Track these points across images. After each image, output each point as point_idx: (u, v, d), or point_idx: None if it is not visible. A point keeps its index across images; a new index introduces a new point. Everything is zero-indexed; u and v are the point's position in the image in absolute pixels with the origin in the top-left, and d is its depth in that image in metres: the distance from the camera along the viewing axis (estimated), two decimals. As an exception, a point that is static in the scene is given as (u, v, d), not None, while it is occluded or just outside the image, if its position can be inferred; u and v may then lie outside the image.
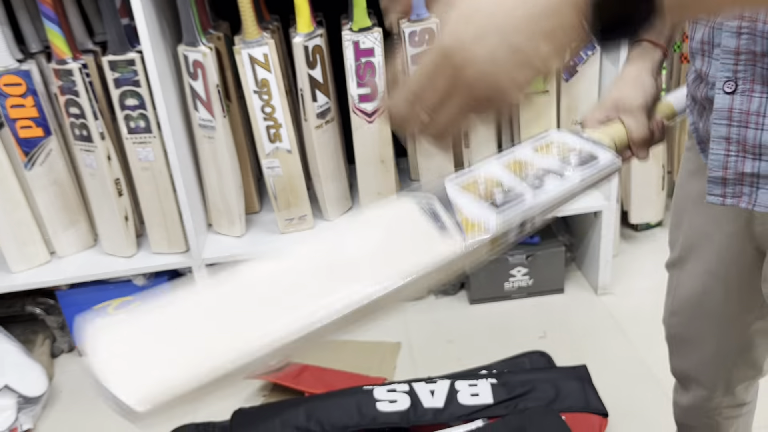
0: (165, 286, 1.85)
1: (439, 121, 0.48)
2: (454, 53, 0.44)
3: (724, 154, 0.70)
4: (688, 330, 0.96)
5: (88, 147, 1.70)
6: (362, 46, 1.65)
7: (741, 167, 0.69)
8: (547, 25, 0.43)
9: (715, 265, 0.86)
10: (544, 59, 0.44)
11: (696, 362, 0.98)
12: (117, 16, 1.61)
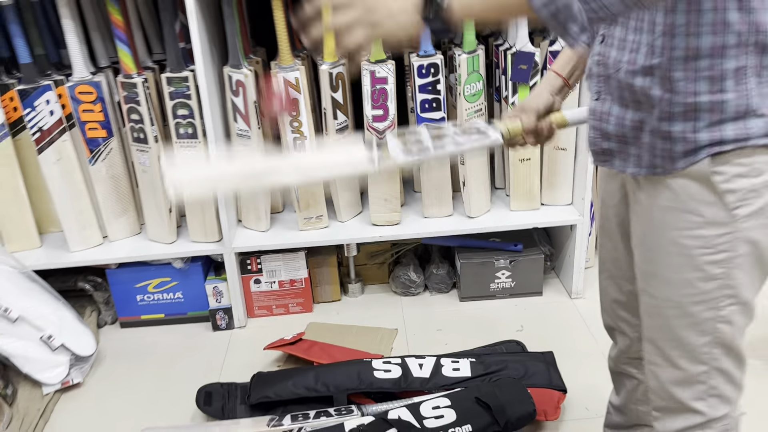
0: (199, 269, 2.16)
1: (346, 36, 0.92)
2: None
3: (592, 137, 1.05)
4: (604, 285, 1.26)
5: (143, 148, 2.03)
6: (377, 75, 1.98)
7: (600, 145, 1.04)
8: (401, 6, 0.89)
9: (611, 228, 1.17)
10: (402, 24, 0.89)
11: (613, 314, 1.26)
12: (176, 40, 1.94)
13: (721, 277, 0.96)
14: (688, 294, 0.99)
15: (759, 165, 0.91)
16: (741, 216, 0.93)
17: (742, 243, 0.94)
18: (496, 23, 0.99)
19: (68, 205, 2.07)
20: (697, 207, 0.95)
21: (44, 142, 1.99)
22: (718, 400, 1.03)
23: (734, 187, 0.92)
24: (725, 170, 0.92)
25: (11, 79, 2.02)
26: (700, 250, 0.96)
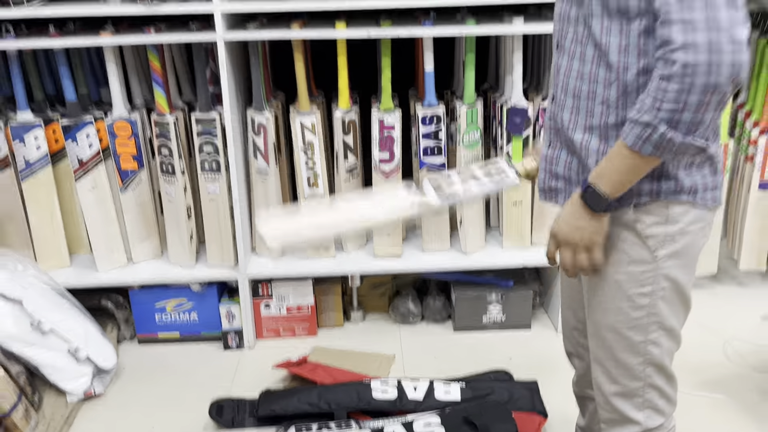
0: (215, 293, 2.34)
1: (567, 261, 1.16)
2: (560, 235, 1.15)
3: (542, 177, 1.26)
4: (564, 314, 1.43)
5: (171, 180, 2.23)
6: (386, 122, 2.19)
7: (549, 184, 1.25)
8: (584, 226, 1.11)
9: None
10: (593, 234, 1.11)
11: (572, 340, 1.43)
12: (207, 85, 2.17)
13: (647, 307, 1.16)
14: (622, 320, 1.19)
15: (674, 216, 1.12)
16: (661, 256, 1.14)
17: (663, 279, 1.15)
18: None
19: (99, 229, 2.27)
20: (626, 248, 1.15)
21: (82, 171, 2.20)
22: (654, 412, 1.22)
23: (654, 233, 1.13)
24: (646, 219, 1.13)
25: (55, 114, 2.24)
26: (629, 284, 1.16)
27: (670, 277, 1.15)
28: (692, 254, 1.16)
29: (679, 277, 1.16)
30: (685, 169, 1.11)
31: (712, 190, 1.14)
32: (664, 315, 1.17)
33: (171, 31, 2.09)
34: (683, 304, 1.19)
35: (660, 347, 1.19)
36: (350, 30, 2.04)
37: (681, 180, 1.11)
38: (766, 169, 2.44)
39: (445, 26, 2.07)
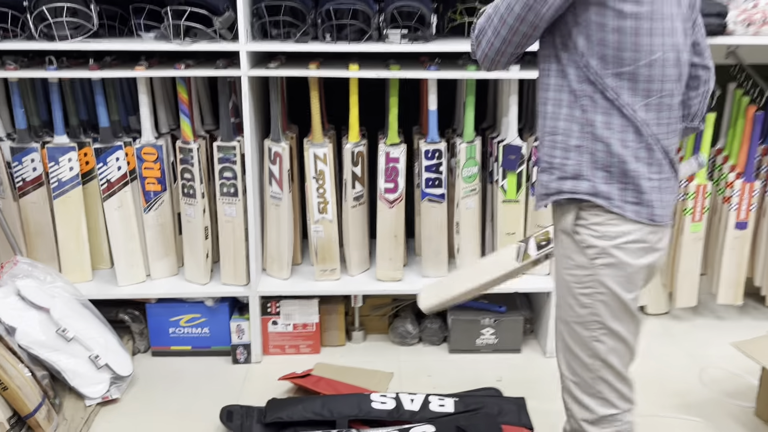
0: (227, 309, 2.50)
1: None
2: None
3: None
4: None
5: (191, 202, 2.42)
6: (391, 155, 2.38)
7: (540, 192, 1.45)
8: None
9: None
10: None
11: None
12: (229, 116, 2.36)
13: (589, 306, 1.37)
14: (571, 316, 1.41)
15: (610, 233, 1.33)
16: (598, 265, 1.35)
17: (600, 285, 1.35)
18: None
19: (122, 245, 2.44)
20: (571, 255, 1.38)
21: (110, 191, 2.38)
22: (604, 402, 1.42)
23: (591, 244, 1.35)
24: (583, 233, 1.36)
25: (87, 138, 2.43)
26: (575, 285, 1.38)
27: (607, 285, 1.35)
28: (629, 271, 1.35)
29: (616, 288, 1.35)
30: (600, 177, 1.33)
31: (634, 204, 1.33)
32: (605, 317, 1.37)
33: (200, 67, 2.29)
34: (626, 313, 1.38)
35: (604, 344, 1.38)
36: (362, 71, 2.25)
37: (596, 184, 1.32)
38: (741, 209, 2.63)
39: (448, 70, 2.28)
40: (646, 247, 1.35)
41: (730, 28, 2.26)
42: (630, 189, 1.32)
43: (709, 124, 2.54)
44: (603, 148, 1.31)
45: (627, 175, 1.32)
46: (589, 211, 1.34)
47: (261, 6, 2.25)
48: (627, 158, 1.30)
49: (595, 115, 1.31)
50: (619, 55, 1.27)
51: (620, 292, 1.35)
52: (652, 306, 2.86)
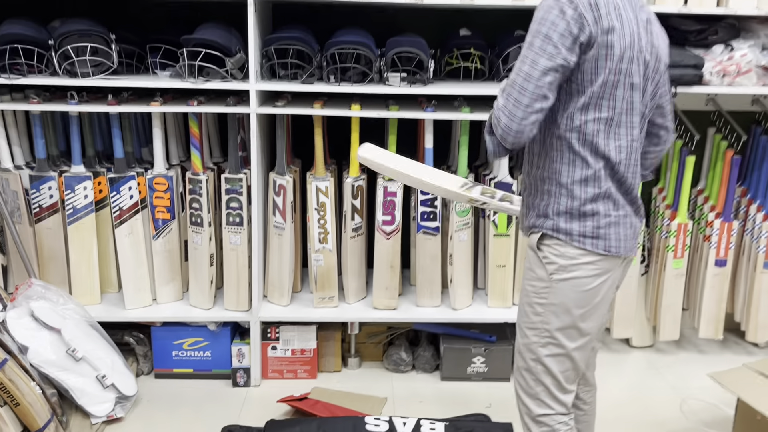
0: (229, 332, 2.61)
1: None
2: None
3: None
4: None
5: (198, 230, 2.54)
6: (389, 189, 2.53)
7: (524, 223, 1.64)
8: None
9: None
10: None
11: None
12: (237, 150, 2.51)
13: (542, 315, 1.56)
14: (525, 321, 1.60)
15: (569, 254, 1.52)
16: (555, 279, 1.53)
17: (555, 297, 1.54)
18: None
19: (131, 270, 2.56)
20: (534, 267, 1.58)
21: (121, 219, 2.51)
22: (540, 403, 1.61)
23: (551, 261, 1.53)
24: (546, 250, 1.55)
25: (102, 168, 2.57)
26: (533, 294, 1.57)
27: (561, 297, 1.53)
28: (585, 290, 1.53)
29: (570, 303, 1.53)
30: (565, 218, 1.52)
31: (592, 238, 1.52)
32: (554, 326, 1.55)
33: (211, 104, 2.45)
34: (574, 329, 1.56)
35: (548, 350, 1.57)
36: (363, 111, 2.40)
37: (558, 223, 1.52)
38: (720, 248, 2.77)
39: (444, 112, 2.44)
40: (600, 271, 1.54)
41: (707, 78, 2.43)
42: (588, 225, 1.52)
43: (689, 167, 2.70)
44: (565, 194, 1.51)
45: (586, 215, 1.52)
46: (553, 238, 1.55)
47: (270, 49, 2.41)
48: (586, 201, 1.51)
49: (561, 166, 1.51)
50: (599, 102, 1.47)
51: (572, 307, 1.54)
52: (636, 339, 2.97)
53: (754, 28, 2.54)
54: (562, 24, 1.39)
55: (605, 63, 1.43)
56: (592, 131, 1.48)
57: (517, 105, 1.42)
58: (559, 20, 1.39)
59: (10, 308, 2.29)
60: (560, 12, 1.39)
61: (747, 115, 2.92)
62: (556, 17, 1.39)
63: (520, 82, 1.42)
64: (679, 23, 2.51)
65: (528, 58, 1.41)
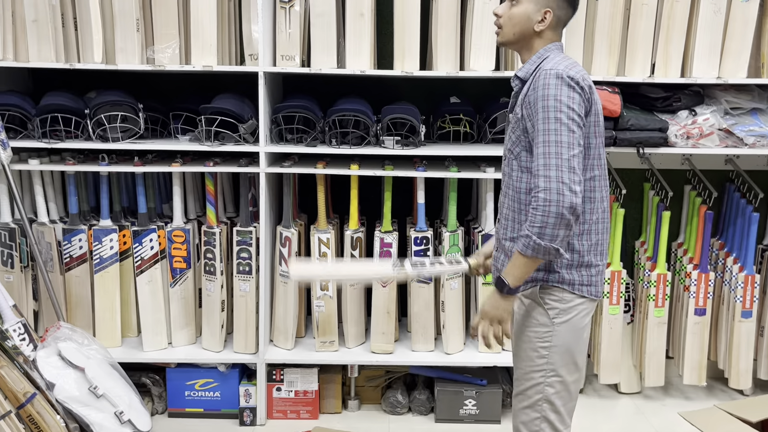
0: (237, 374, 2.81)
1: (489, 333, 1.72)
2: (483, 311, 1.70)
3: (492, 271, 1.83)
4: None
5: (211, 279, 2.79)
6: (385, 241, 2.76)
7: (495, 275, 1.79)
8: (497, 306, 1.67)
9: None
10: (503, 312, 1.65)
11: None
12: (248, 205, 2.78)
13: (546, 357, 1.71)
14: (529, 365, 1.74)
15: (566, 299, 1.71)
16: (557, 323, 1.71)
17: (557, 338, 1.70)
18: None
19: (150, 315, 2.80)
20: (534, 315, 1.73)
21: (143, 268, 2.77)
22: None
23: (553, 307, 1.71)
24: (547, 297, 1.71)
25: (126, 222, 2.85)
26: (536, 339, 1.72)
27: (563, 338, 1.70)
28: (579, 328, 1.72)
29: (570, 341, 1.71)
30: (567, 269, 1.69)
31: (588, 286, 1.72)
32: (557, 365, 1.71)
33: (225, 164, 2.74)
34: (574, 365, 1.74)
35: (554, 388, 1.72)
36: (362, 170, 2.67)
37: (563, 275, 1.70)
38: (699, 297, 2.95)
39: (434, 171, 2.70)
40: (588, 311, 1.75)
41: (672, 140, 2.67)
42: (585, 275, 1.72)
43: (665, 221, 2.90)
44: (568, 247, 1.68)
45: (584, 265, 1.72)
46: (554, 287, 1.72)
47: (279, 116, 2.71)
48: (584, 253, 1.71)
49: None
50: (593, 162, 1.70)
51: (571, 345, 1.72)
52: (624, 385, 3.11)
53: (716, 94, 2.79)
54: (577, 97, 1.59)
55: (595, 129, 1.67)
56: (590, 188, 1.69)
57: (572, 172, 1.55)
58: (574, 95, 1.59)
59: (40, 348, 2.53)
60: (569, 88, 1.59)
61: (721, 173, 3.14)
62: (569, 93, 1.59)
63: (566, 155, 1.56)
64: (647, 90, 2.77)
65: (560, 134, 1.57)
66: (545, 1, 1.71)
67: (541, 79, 1.62)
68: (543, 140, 1.58)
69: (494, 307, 1.68)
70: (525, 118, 1.67)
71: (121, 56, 2.65)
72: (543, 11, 1.71)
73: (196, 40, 2.63)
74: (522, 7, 1.71)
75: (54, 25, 2.63)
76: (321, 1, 2.63)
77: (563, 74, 1.60)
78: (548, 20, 1.71)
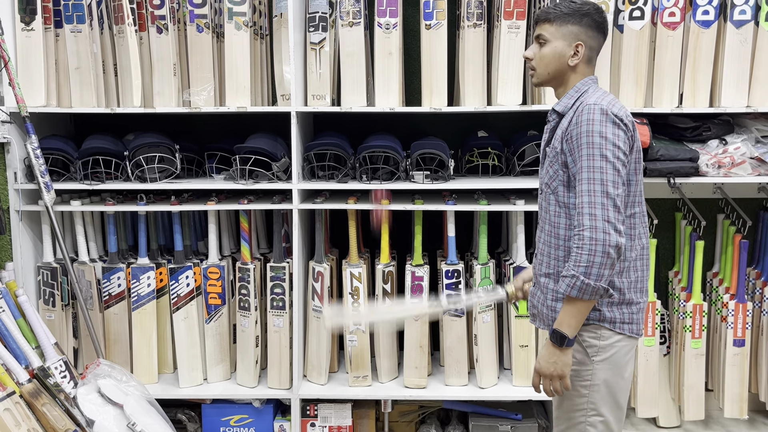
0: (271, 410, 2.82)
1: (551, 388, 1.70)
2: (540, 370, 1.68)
3: (529, 306, 1.82)
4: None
5: (246, 314, 2.83)
6: (416, 274, 2.78)
7: (532, 311, 1.79)
8: (556, 361, 1.64)
9: None
10: (563, 366, 1.62)
11: None
12: (281, 242, 2.83)
13: (586, 396, 1.68)
14: (569, 404, 1.71)
15: (605, 336, 1.69)
16: (596, 361, 1.68)
17: (597, 376, 1.67)
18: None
19: (186, 351, 2.84)
20: (574, 354, 1.69)
21: (179, 305, 2.82)
22: None
23: (590, 345, 1.68)
24: (585, 335, 1.69)
25: (163, 260, 2.92)
26: (575, 378, 1.69)
27: (602, 376, 1.68)
28: (620, 366, 1.69)
29: (610, 380, 1.68)
30: (608, 306, 1.68)
31: (629, 324, 1.70)
32: (599, 404, 1.69)
33: (259, 202, 2.80)
34: (615, 404, 1.71)
35: (596, 428, 1.70)
36: (392, 205, 2.71)
37: (604, 313, 1.68)
38: (737, 328, 2.89)
39: (464, 204, 2.72)
40: (629, 348, 1.72)
41: (703, 170, 2.66)
42: (626, 312, 1.71)
43: (699, 251, 2.87)
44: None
45: (625, 303, 1.70)
46: (592, 324, 1.71)
47: (311, 153, 2.77)
48: (625, 291, 1.70)
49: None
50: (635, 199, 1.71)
51: (614, 385, 1.70)
52: (663, 419, 3.05)
53: (746, 123, 2.78)
54: (622, 135, 1.60)
55: (636, 166, 1.68)
56: (630, 225, 1.69)
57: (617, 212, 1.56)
58: (619, 132, 1.60)
59: (80, 385, 2.58)
60: (614, 125, 1.60)
61: (755, 201, 3.11)
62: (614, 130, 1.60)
63: (612, 194, 1.56)
64: (676, 121, 2.78)
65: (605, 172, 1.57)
66: (575, 35, 1.70)
67: (584, 114, 1.61)
68: (588, 177, 1.57)
69: (552, 363, 1.64)
70: (565, 152, 1.66)
71: (158, 99, 2.75)
72: (575, 45, 1.71)
73: (230, 83, 2.72)
74: (551, 46, 1.72)
75: (96, 72, 2.74)
76: (350, 41, 2.71)
77: (608, 110, 1.60)
78: (581, 53, 1.71)
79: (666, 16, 2.69)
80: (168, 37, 2.72)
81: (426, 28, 2.71)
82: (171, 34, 2.72)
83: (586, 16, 1.70)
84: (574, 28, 1.70)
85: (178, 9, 2.77)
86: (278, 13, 2.83)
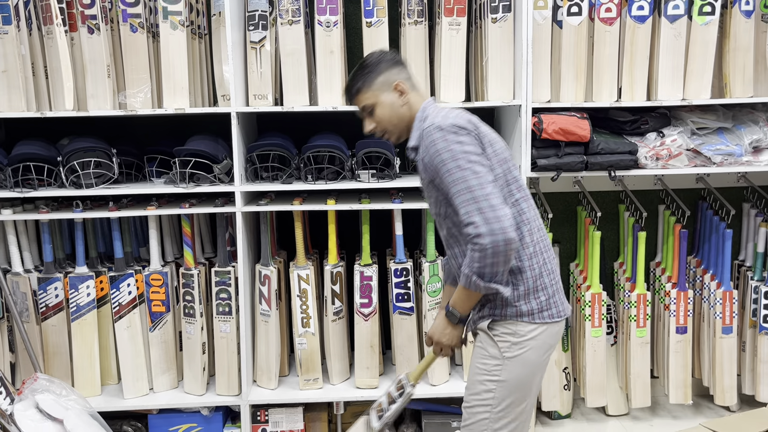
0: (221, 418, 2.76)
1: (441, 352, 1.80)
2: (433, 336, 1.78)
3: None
4: None
5: (191, 321, 2.76)
6: (365, 274, 2.76)
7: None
8: (449, 333, 1.74)
9: None
10: (453, 338, 1.71)
11: None
12: (225, 245, 2.76)
13: (493, 391, 1.70)
14: (475, 398, 1.74)
15: (520, 332, 1.71)
16: (507, 357, 1.70)
17: (507, 373, 1.70)
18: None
19: (130, 361, 2.75)
20: (486, 347, 1.74)
21: (121, 313, 2.73)
22: None
23: (503, 340, 1.71)
24: (498, 330, 1.72)
25: (103, 267, 2.82)
26: (484, 373, 1.72)
27: (512, 372, 1.70)
28: (532, 363, 1.72)
29: (519, 373, 1.70)
30: (523, 299, 1.71)
31: (547, 310, 1.72)
32: (505, 400, 1.71)
33: (201, 205, 2.73)
34: (520, 391, 1.72)
35: (500, 423, 1.72)
36: (338, 205, 2.68)
37: (520, 307, 1.71)
38: (679, 316, 2.97)
39: (410, 202, 2.71)
40: (551, 335, 1.73)
41: (642, 162, 2.71)
42: (541, 299, 1.72)
43: (641, 241, 2.93)
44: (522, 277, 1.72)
45: (538, 289, 1.72)
46: (506, 319, 1.73)
47: (253, 155, 2.72)
48: (536, 277, 1.73)
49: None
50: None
51: (523, 380, 1.71)
52: (612, 407, 3.11)
53: (682, 116, 2.85)
54: (466, 139, 1.66)
55: (494, 158, 1.72)
56: (518, 212, 1.72)
57: (493, 209, 1.59)
58: (462, 138, 1.67)
59: (17, 401, 2.47)
60: (454, 134, 1.66)
61: (693, 191, 3.19)
62: (456, 138, 1.66)
63: (480, 196, 1.61)
64: (616, 114, 2.83)
65: (466, 180, 1.63)
66: (387, 82, 1.81)
67: (426, 139, 1.69)
68: (456, 191, 1.63)
69: (445, 334, 1.77)
70: (432, 179, 1.73)
71: (92, 102, 2.65)
72: (394, 87, 1.80)
73: (167, 84, 2.65)
74: (380, 105, 1.82)
75: (24, 74, 2.63)
76: (291, 39, 2.67)
77: (442, 125, 1.67)
78: (405, 89, 1.81)
79: (603, 11, 2.74)
80: (100, 37, 2.62)
81: (367, 26, 2.69)
82: (103, 34, 2.62)
83: (378, 64, 1.83)
84: (381, 78, 1.82)
85: (111, 8, 2.68)
86: (216, 11, 2.76)
